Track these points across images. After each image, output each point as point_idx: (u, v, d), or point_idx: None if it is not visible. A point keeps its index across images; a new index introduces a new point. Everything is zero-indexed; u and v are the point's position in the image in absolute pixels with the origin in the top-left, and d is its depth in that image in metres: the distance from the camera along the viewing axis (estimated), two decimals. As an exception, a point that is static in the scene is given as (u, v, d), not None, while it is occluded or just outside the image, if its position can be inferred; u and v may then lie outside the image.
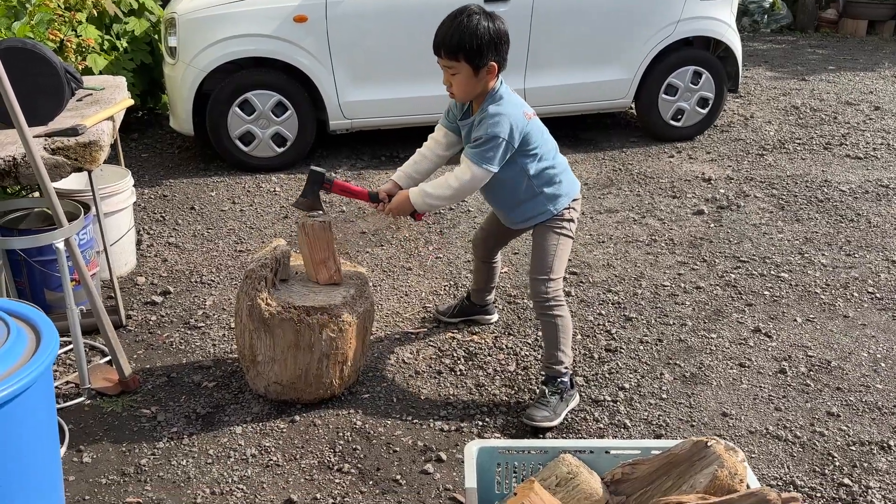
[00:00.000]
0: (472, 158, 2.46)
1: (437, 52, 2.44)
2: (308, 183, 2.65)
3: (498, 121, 2.42)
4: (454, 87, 2.46)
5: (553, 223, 2.63)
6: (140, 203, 4.44)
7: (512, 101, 2.48)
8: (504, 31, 2.43)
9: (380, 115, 5.06)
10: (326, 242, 2.64)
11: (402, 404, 2.73)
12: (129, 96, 3.32)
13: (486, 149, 2.43)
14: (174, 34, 4.79)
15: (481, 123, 2.45)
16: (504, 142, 2.43)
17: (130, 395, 2.75)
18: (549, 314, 2.61)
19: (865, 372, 2.92)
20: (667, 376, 2.89)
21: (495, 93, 2.47)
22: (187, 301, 3.41)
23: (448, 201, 2.57)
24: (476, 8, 2.41)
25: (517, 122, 2.45)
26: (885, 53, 8.91)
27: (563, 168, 2.65)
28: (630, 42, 5.29)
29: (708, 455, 1.83)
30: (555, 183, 2.60)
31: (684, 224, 4.24)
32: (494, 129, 2.41)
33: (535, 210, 2.62)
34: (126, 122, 5.74)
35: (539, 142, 2.55)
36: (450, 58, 2.41)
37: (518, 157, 2.52)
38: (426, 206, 2.56)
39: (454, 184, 2.49)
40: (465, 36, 2.36)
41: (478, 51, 2.37)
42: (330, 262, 2.67)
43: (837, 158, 5.28)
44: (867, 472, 2.41)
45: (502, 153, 2.45)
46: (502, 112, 2.43)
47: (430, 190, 2.52)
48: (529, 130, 2.50)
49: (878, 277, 3.64)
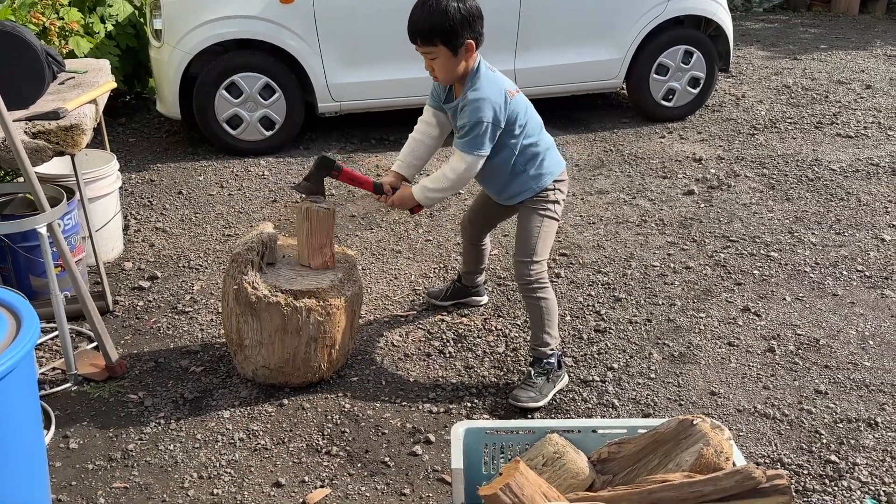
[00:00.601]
0: (463, 148, 2.48)
1: (413, 40, 2.42)
2: (316, 167, 2.65)
3: (479, 106, 2.42)
4: (437, 72, 2.47)
5: (537, 204, 2.62)
6: (127, 188, 4.40)
7: (491, 81, 2.47)
8: (475, 6, 2.41)
9: (369, 98, 5.02)
10: (327, 230, 2.63)
11: (390, 387, 2.73)
12: (113, 79, 3.28)
13: (473, 136, 2.45)
14: (159, 16, 4.73)
15: (463, 111, 2.46)
16: (489, 125, 2.44)
17: (117, 381, 2.74)
18: (534, 296, 2.61)
19: (853, 350, 2.93)
20: (655, 356, 2.89)
21: (474, 74, 2.46)
22: (175, 286, 3.39)
23: (449, 192, 2.63)
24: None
25: (498, 103, 2.44)
26: (877, 32, 8.88)
27: (548, 146, 2.65)
28: (620, 22, 5.25)
29: (694, 433, 1.83)
30: (537, 161, 2.60)
31: (675, 204, 4.23)
32: (476, 114, 2.42)
33: (520, 187, 2.62)
34: (113, 106, 5.69)
35: (524, 118, 2.55)
36: (426, 44, 2.39)
37: (504, 135, 2.52)
38: (429, 201, 2.62)
39: (451, 175, 2.53)
40: (436, 19, 2.34)
41: (452, 32, 2.36)
42: (326, 249, 2.66)
43: (828, 137, 5.27)
44: (854, 448, 2.42)
45: (490, 135, 2.46)
46: (482, 96, 2.43)
47: (430, 185, 2.57)
48: (514, 107, 2.50)
49: (868, 256, 3.65)
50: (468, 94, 2.44)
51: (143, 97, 6.05)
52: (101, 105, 3.08)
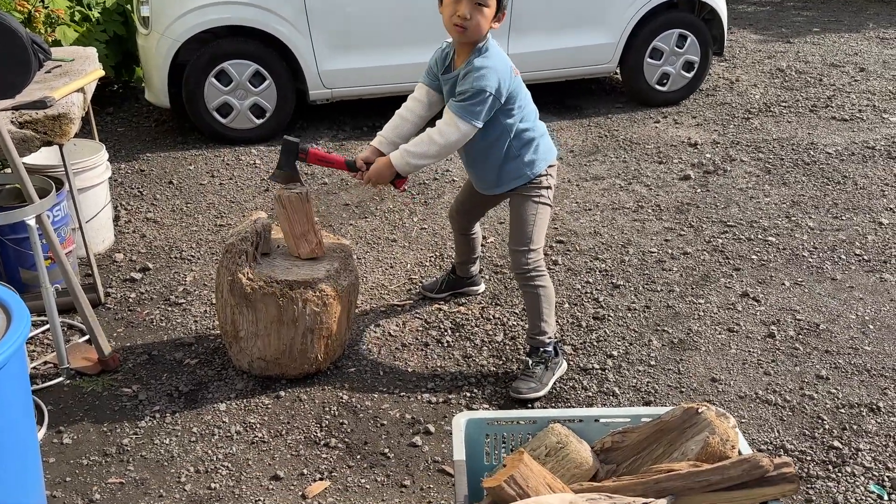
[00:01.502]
0: (459, 112, 2.38)
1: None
2: (282, 153, 2.56)
3: (484, 74, 2.34)
4: (473, 21, 2.31)
5: (530, 191, 2.58)
6: (117, 178, 4.34)
7: (499, 55, 2.42)
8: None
9: (361, 84, 4.95)
10: (305, 215, 2.57)
11: (388, 377, 2.69)
12: (101, 67, 3.21)
13: (472, 103, 2.36)
14: (147, 3, 4.64)
15: (467, 76, 2.37)
16: (491, 96, 2.36)
17: (111, 375, 2.70)
18: (531, 284, 2.58)
19: (854, 334, 2.91)
20: (655, 343, 2.87)
21: (482, 45, 2.39)
22: (167, 277, 3.34)
23: (433, 159, 2.47)
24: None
25: (504, 77, 2.38)
26: (869, 14, 8.85)
27: (542, 132, 2.60)
28: (614, 6, 5.20)
29: (699, 422, 1.81)
30: (533, 146, 2.55)
31: (671, 190, 4.20)
32: (481, 82, 2.34)
33: (514, 174, 2.56)
34: (101, 95, 5.60)
35: (523, 101, 2.51)
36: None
37: (501, 115, 2.46)
38: (409, 168, 2.46)
39: (439, 139, 2.40)
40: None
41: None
42: (311, 236, 2.61)
43: (823, 121, 5.25)
44: (857, 434, 2.41)
45: (489, 108, 2.38)
46: (489, 65, 2.35)
47: (412, 149, 2.43)
48: (515, 86, 2.45)
49: (866, 239, 3.63)
50: (475, 62, 2.36)
51: (131, 86, 5.97)
52: (89, 93, 3.02)
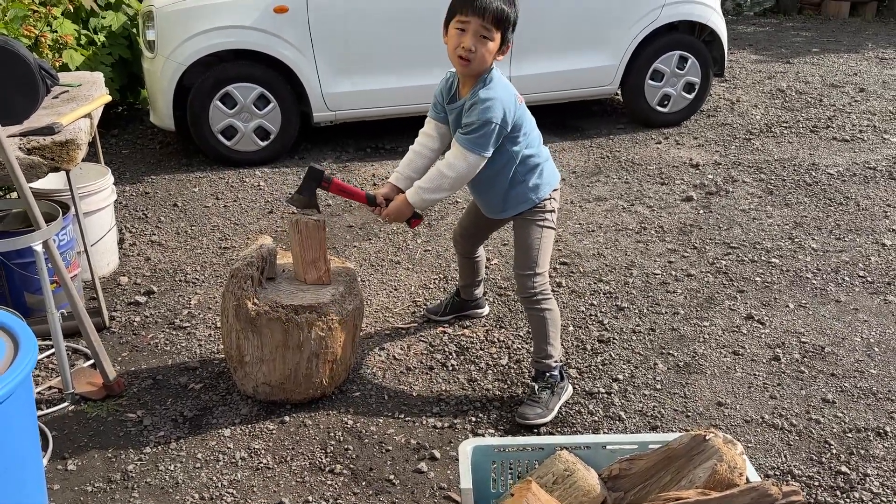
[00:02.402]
0: (466, 145, 2.41)
1: (480, 13, 2.29)
2: (306, 179, 2.59)
3: (490, 105, 2.36)
4: (477, 54, 2.32)
5: (535, 215, 2.59)
6: (122, 201, 4.35)
7: (504, 85, 2.44)
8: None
9: (364, 107, 4.99)
10: (319, 242, 2.58)
11: (393, 402, 2.69)
12: (107, 92, 3.24)
13: (479, 134, 2.39)
14: (152, 27, 4.69)
15: (472, 108, 2.39)
16: (497, 126, 2.39)
17: (115, 399, 2.69)
18: (537, 308, 2.58)
19: (859, 357, 2.91)
20: (660, 366, 2.87)
21: (487, 76, 2.41)
22: (172, 301, 3.34)
23: (447, 192, 2.51)
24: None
25: (509, 106, 2.40)
26: (867, 35, 8.92)
27: (546, 157, 2.62)
28: (615, 28, 5.24)
29: (706, 449, 1.80)
30: (538, 171, 2.57)
31: (673, 211, 4.21)
32: (487, 114, 2.36)
33: (519, 198, 2.58)
34: (106, 118, 5.63)
35: (528, 128, 2.52)
36: (494, 25, 2.31)
37: (507, 142, 2.48)
38: (425, 203, 2.53)
39: (450, 173, 2.44)
40: (513, 11, 2.34)
41: (513, 26, 2.35)
42: (320, 263, 2.62)
43: (824, 141, 5.27)
44: (864, 459, 2.40)
45: (496, 138, 2.41)
46: (494, 96, 2.38)
47: (425, 185, 2.48)
48: (521, 113, 2.47)
49: (869, 261, 3.63)
50: (480, 93, 2.38)
51: (137, 108, 6.01)
52: (96, 119, 3.04)
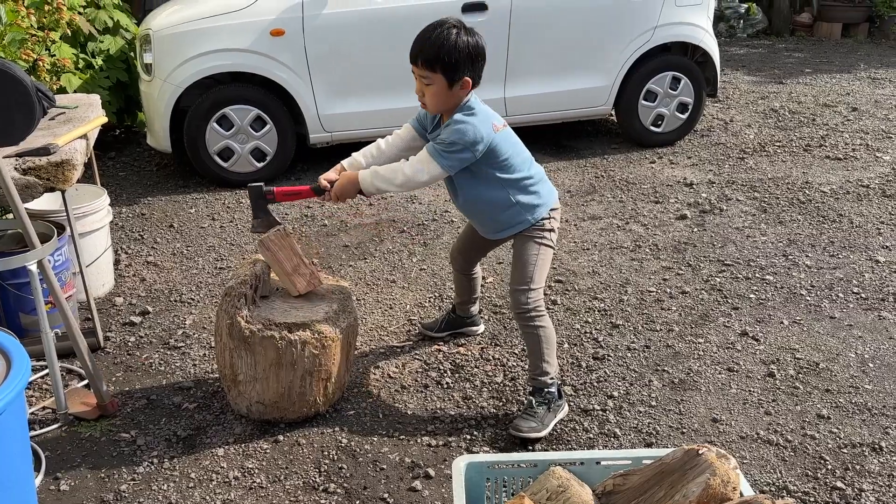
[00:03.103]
0: (432, 152, 2.43)
1: (413, 61, 2.42)
2: (252, 200, 2.61)
3: (461, 128, 2.40)
4: (427, 98, 2.45)
5: (533, 233, 2.60)
6: (118, 222, 4.37)
7: (482, 113, 2.46)
8: (482, 46, 2.41)
9: (360, 128, 5.02)
10: (291, 249, 2.59)
11: (388, 420, 2.68)
12: (104, 114, 3.26)
13: (446, 148, 2.42)
14: (149, 51, 4.74)
15: (447, 128, 2.44)
16: (465, 149, 2.41)
17: (109, 420, 2.68)
18: (531, 325, 2.58)
19: (854, 373, 2.91)
20: (655, 383, 2.86)
21: (465, 104, 2.46)
22: (167, 321, 3.34)
23: (397, 188, 2.51)
24: (456, 21, 2.40)
25: (483, 134, 2.42)
26: (859, 55, 9.01)
27: (540, 178, 2.63)
28: (608, 49, 5.30)
29: (700, 463, 1.80)
30: (531, 193, 2.58)
31: (668, 229, 4.23)
32: (456, 134, 2.40)
33: (514, 220, 2.60)
34: (103, 140, 5.67)
35: (510, 152, 2.52)
36: (426, 68, 2.39)
37: (489, 168, 2.49)
38: (373, 189, 2.50)
39: (408, 172, 2.45)
40: (443, 49, 2.35)
41: (455, 65, 2.36)
42: (303, 268, 2.62)
43: (817, 160, 5.31)
44: (860, 474, 2.39)
45: (462, 159, 2.43)
46: (468, 121, 2.41)
47: (382, 172, 2.48)
48: (498, 142, 2.48)
49: (863, 277, 3.64)
50: (455, 116, 2.43)
51: (134, 131, 6.04)
52: (92, 140, 3.06)
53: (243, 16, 4.69)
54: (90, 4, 5.32)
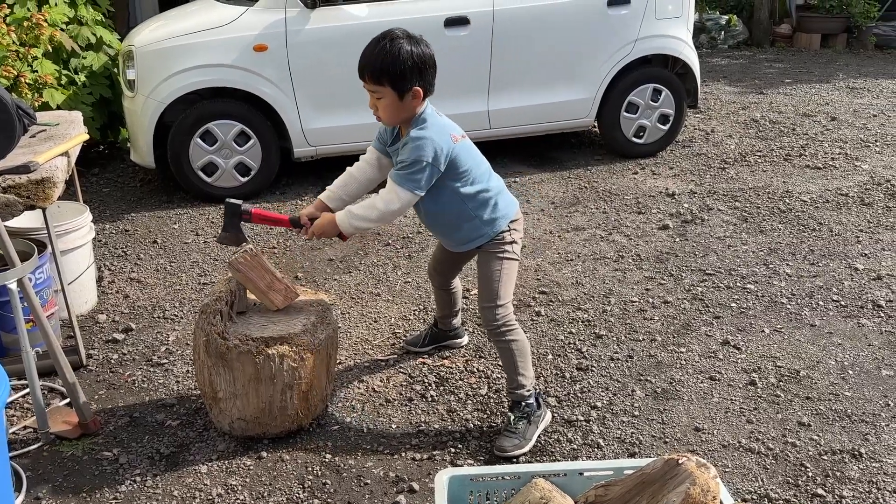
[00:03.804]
0: (398, 181, 2.44)
1: (361, 75, 2.42)
2: (226, 216, 2.61)
3: (420, 144, 2.40)
4: (380, 112, 2.46)
5: (494, 248, 2.60)
6: (101, 238, 4.35)
7: (437, 125, 2.46)
8: (429, 54, 2.40)
9: (344, 142, 5.03)
10: (262, 267, 2.59)
11: (372, 434, 2.68)
12: (86, 131, 3.26)
13: (410, 172, 2.42)
14: (132, 67, 4.74)
15: (405, 147, 2.44)
16: (428, 165, 2.41)
17: (91, 438, 2.67)
18: (504, 339, 2.59)
19: (834, 380, 2.94)
20: (638, 393, 2.88)
21: (419, 117, 2.46)
22: (150, 338, 3.33)
23: (374, 223, 2.54)
24: (400, 32, 2.40)
25: (442, 145, 2.42)
26: (838, 65, 9.13)
27: (499, 190, 2.62)
28: (590, 62, 5.35)
29: (680, 473, 1.81)
30: (490, 205, 2.57)
31: (650, 239, 4.26)
32: (417, 152, 2.40)
33: (473, 234, 2.59)
34: (86, 156, 5.65)
35: (470, 164, 2.52)
36: (374, 82, 2.40)
37: (448, 180, 2.49)
38: (352, 229, 2.53)
39: (381, 206, 2.46)
40: (387, 61, 2.35)
41: (401, 76, 2.36)
42: (277, 284, 2.62)
43: (797, 169, 5.37)
44: (840, 481, 2.41)
45: (427, 176, 2.43)
46: (425, 136, 2.41)
47: (357, 212, 2.50)
48: (458, 153, 2.47)
49: (842, 285, 3.68)
50: (412, 133, 2.43)
51: (117, 147, 6.03)
52: (74, 157, 3.06)
53: (226, 31, 4.70)
54: (72, 21, 5.32)
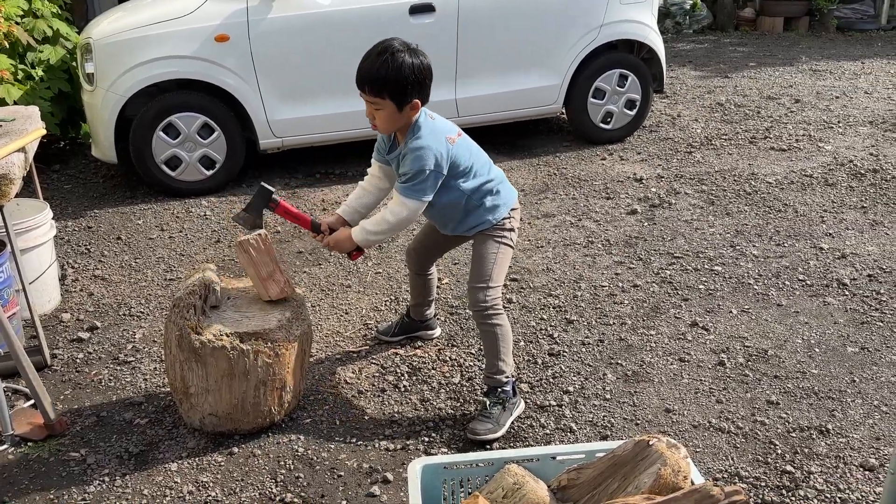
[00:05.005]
0: (404, 193, 2.47)
1: (360, 87, 2.40)
2: (256, 197, 2.59)
3: (420, 154, 2.41)
4: (377, 122, 2.45)
5: (494, 232, 2.63)
6: (64, 236, 4.26)
7: (433, 130, 2.46)
8: (428, 66, 2.40)
9: (311, 133, 4.98)
10: (269, 256, 2.57)
11: (345, 426, 2.66)
12: (43, 125, 3.17)
13: (415, 182, 2.45)
14: (91, 60, 4.63)
15: (405, 159, 2.45)
16: (432, 172, 2.44)
17: (58, 439, 2.61)
18: (489, 323, 2.59)
19: (801, 358, 2.98)
20: (609, 376, 2.90)
21: (415, 124, 2.46)
22: (116, 335, 3.27)
23: (388, 235, 2.60)
24: (399, 45, 2.37)
25: (440, 151, 2.44)
26: (801, 48, 9.26)
27: (500, 179, 2.67)
28: (556, 48, 5.35)
29: (650, 454, 1.82)
30: (493, 194, 2.62)
31: (619, 224, 4.28)
32: (418, 162, 2.41)
33: (476, 221, 2.63)
34: (47, 153, 5.54)
35: (470, 161, 2.55)
36: (374, 95, 2.38)
37: (451, 179, 2.52)
38: (368, 242, 2.59)
39: (391, 219, 2.51)
40: (390, 74, 2.33)
41: (402, 90, 2.35)
42: (277, 276, 2.60)
43: (762, 151, 5.43)
44: (808, 457, 2.45)
45: (432, 183, 2.47)
46: (423, 145, 2.42)
47: (369, 227, 2.55)
48: (456, 153, 2.50)
49: (808, 265, 3.74)
50: (410, 145, 2.44)
51: (78, 142, 5.90)
52: (31, 153, 2.98)
53: (186, 22, 4.61)
54: (27, 14, 5.19)
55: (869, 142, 5.56)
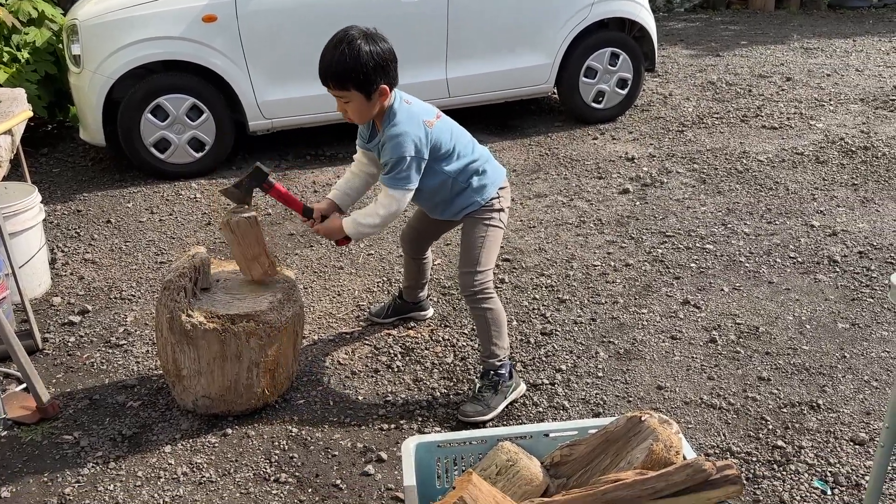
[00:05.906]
0: (389, 184, 2.45)
1: (325, 83, 2.36)
2: (249, 177, 2.56)
3: (399, 142, 2.39)
4: (350, 114, 2.42)
5: (482, 214, 2.61)
6: (53, 220, 4.23)
7: (409, 115, 2.43)
8: (388, 49, 2.35)
9: (300, 114, 4.95)
10: (256, 238, 2.55)
11: (339, 407, 2.67)
12: (30, 108, 3.14)
13: (397, 171, 2.42)
14: (77, 41, 4.58)
15: (385, 147, 2.43)
16: (413, 158, 2.41)
17: (50, 422, 2.61)
18: (480, 307, 2.59)
19: (792, 335, 3.00)
20: (602, 354, 2.91)
21: (390, 111, 2.42)
22: (107, 319, 3.26)
23: (380, 228, 2.57)
24: (356, 32, 2.31)
25: (419, 136, 2.41)
26: (793, 26, 9.23)
27: (486, 158, 2.63)
28: (547, 27, 5.31)
29: (642, 430, 1.83)
30: (479, 174, 2.59)
31: (611, 204, 4.28)
32: (398, 150, 2.39)
33: (465, 202, 2.61)
34: (35, 136, 5.49)
35: (451, 142, 2.52)
36: (339, 88, 2.34)
37: (434, 163, 2.49)
38: (359, 235, 2.57)
39: (381, 211, 2.49)
40: (349, 65, 2.28)
41: (365, 79, 2.31)
42: (262, 258, 2.59)
43: (754, 130, 5.43)
44: (799, 432, 2.47)
45: (415, 169, 2.44)
46: (400, 132, 2.39)
47: (361, 219, 2.52)
48: (437, 136, 2.47)
49: (799, 242, 3.75)
50: (387, 133, 2.41)
51: (67, 125, 5.85)
52: (18, 135, 2.95)
53: (173, 2, 4.55)
54: (12, -5, 5.11)
55: (860, 119, 5.56)
